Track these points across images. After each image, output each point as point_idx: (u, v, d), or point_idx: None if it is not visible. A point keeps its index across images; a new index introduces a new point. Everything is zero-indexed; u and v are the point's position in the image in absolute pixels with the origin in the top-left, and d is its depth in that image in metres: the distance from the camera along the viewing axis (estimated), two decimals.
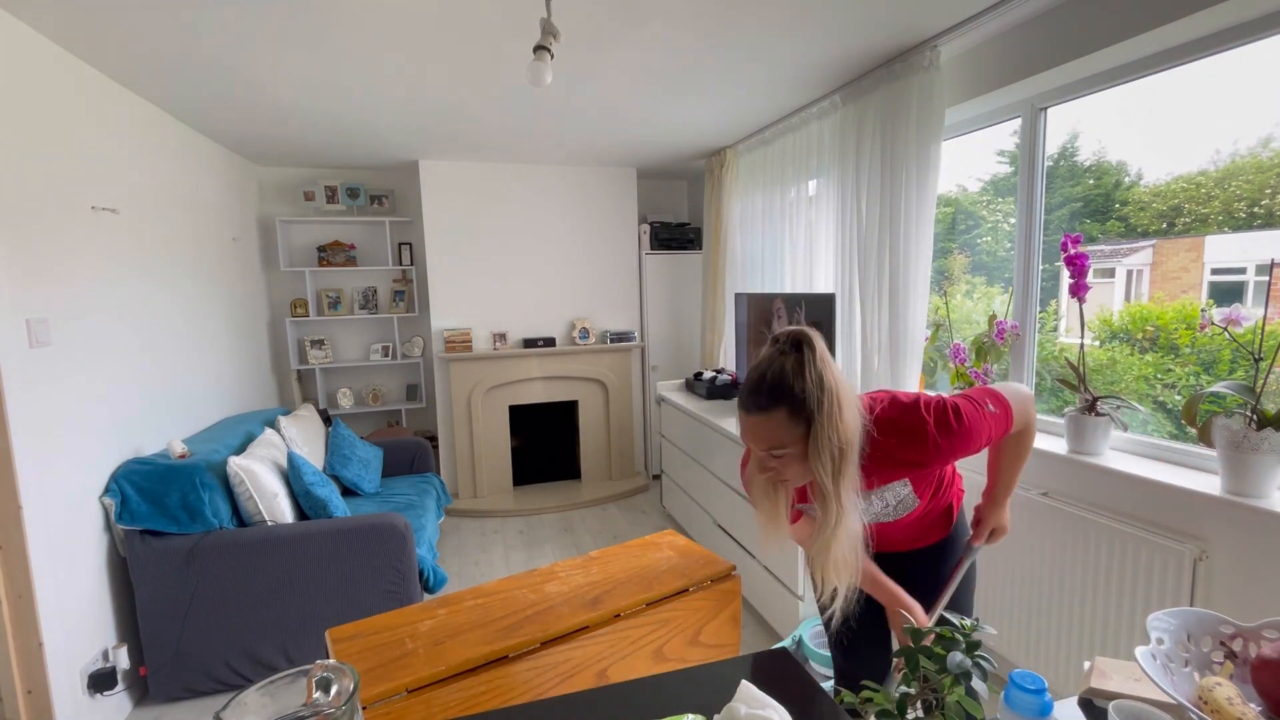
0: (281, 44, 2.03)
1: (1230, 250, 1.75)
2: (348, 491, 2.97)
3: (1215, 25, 1.57)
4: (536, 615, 1.31)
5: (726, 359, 3.87)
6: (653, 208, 4.76)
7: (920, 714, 0.82)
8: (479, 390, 3.99)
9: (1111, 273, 2.05)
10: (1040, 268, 2.12)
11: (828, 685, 1.78)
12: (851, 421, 1.06)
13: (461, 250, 3.98)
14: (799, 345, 1.07)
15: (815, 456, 1.04)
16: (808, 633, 2.20)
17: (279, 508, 2.26)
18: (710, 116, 3.02)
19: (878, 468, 1.16)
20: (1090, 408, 1.83)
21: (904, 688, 0.86)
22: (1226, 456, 1.49)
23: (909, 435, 1.13)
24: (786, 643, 2.23)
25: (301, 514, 2.39)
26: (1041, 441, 1.99)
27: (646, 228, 4.36)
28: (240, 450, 2.47)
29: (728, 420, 2.80)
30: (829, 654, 1.87)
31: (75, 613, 1.94)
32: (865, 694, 0.86)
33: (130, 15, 1.80)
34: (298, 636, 2.21)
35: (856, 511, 1.08)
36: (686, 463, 3.31)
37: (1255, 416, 1.45)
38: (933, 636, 0.87)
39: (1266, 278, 1.61)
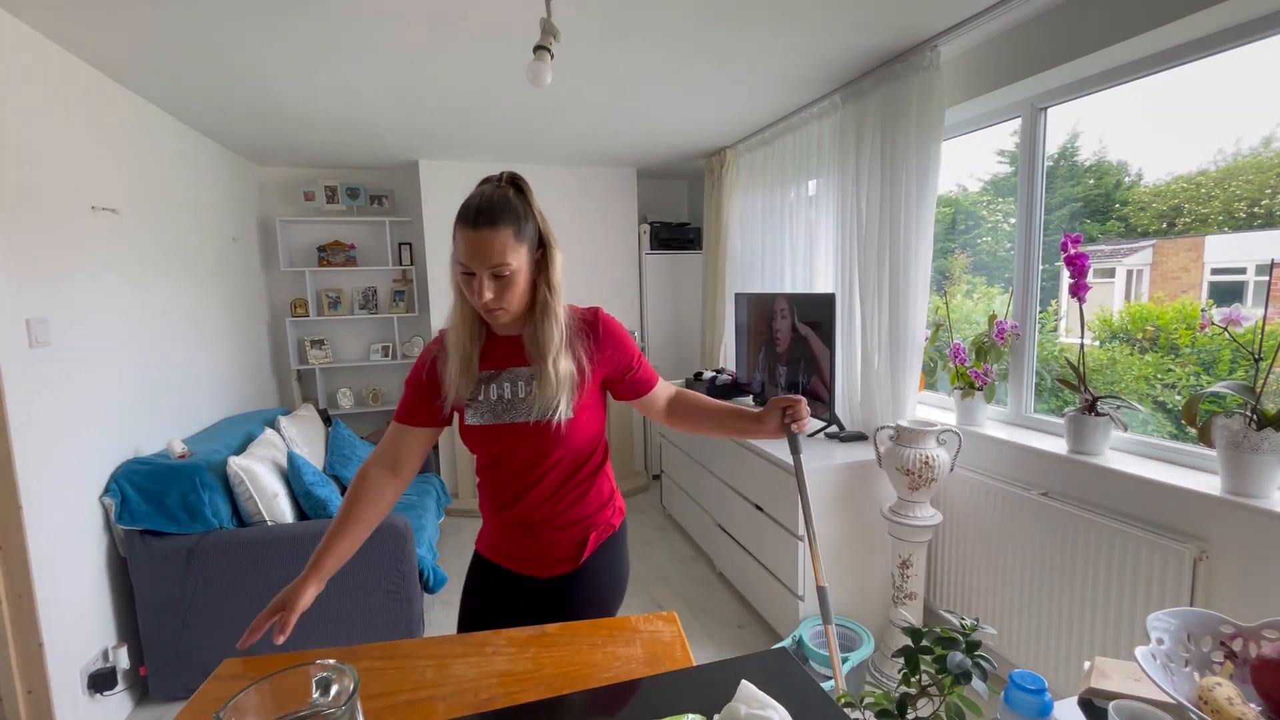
0: (282, 44, 2.03)
1: (1230, 250, 1.75)
2: None
3: (1215, 25, 1.57)
4: (414, 704, 0.92)
5: (726, 359, 3.87)
6: (653, 208, 4.76)
7: (920, 714, 0.82)
8: None
9: (1111, 273, 2.05)
10: (1040, 268, 2.12)
11: (828, 685, 1.79)
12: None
13: None
14: (518, 184, 1.15)
15: (545, 282, 1.13)
16: (808, 633, 2.20)
17: (279, 508, 2.26)
18: (710, 116, 3.02)
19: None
20: (1090, 408, 1.83)
21: (904, 688, 0.86)
22: (1226, 456, 1.49)
23: (614, 330, 1.22)
24: (786, 643, 2.23)
25: (301, 514, 2.39)
26: (1041, 441, 1.99)
27: (646, 228, 4.36)
28: (240, 450, 2.47)
29: None
30: (827, 654, 1.89)
31: (75, 613, 1.94)
32: (865, 693, 0.86)
33: (130, 15, 1.80)
34: (298, 636, 2.21)
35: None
36: (686, 463, 3.31)
37: (1255, 416, 1.45)
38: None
39: (1266, 278, 1.61)
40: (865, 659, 2.06)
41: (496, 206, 1.11)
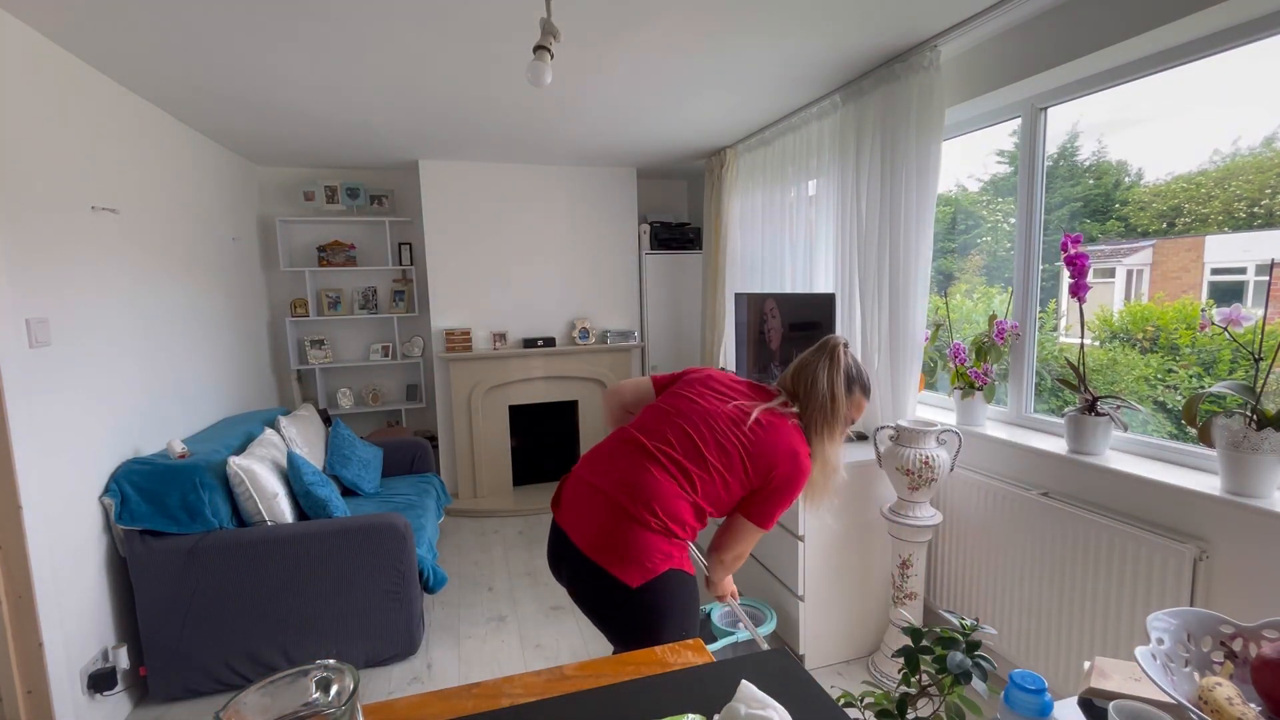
0: (282, 44, 2.03)
1: (1230, 250, 1.75)
2: (348, 491, 2.97)
3: (1215, 25, 1.57)
4: None
5: (726, 359, 3.87)
6: (653, 208, 4.76)
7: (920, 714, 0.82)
8: (479, 390, 3.99)
9: (1111, 273, 2.05)
10: (1040, 268, 2.12)
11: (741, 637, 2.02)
12: None
13: (461, 250, 3.98)
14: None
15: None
16: (716, 614, 2.28)
17: (279, 508, 2.26)
18: (710, 116, 3.02)
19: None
20: (1090, 408, 1.83)
21: (904, 688, 0.86)
22: (1226, 456, 1.49)
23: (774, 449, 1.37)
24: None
25: (301, 514, 2.39)
26: (1041, 441, 1.99)
27: (646, 228, 4.36)
28: (240, 450, 2.47)
29: None
30: (730, 631, 2.11)
31: (75, 613, 1.94)
32: (865, 693, 0.86)
33: (130, 16, 1.80)
34: (298, 636, 2.21)
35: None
36: None
37: (1255, 416, 1.45)
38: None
39: (1266, 278, 1.61)
40: (767, 634, 2.17)
41: None
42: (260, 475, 2.25)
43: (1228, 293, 1.77)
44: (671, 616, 1.29)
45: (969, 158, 2.48)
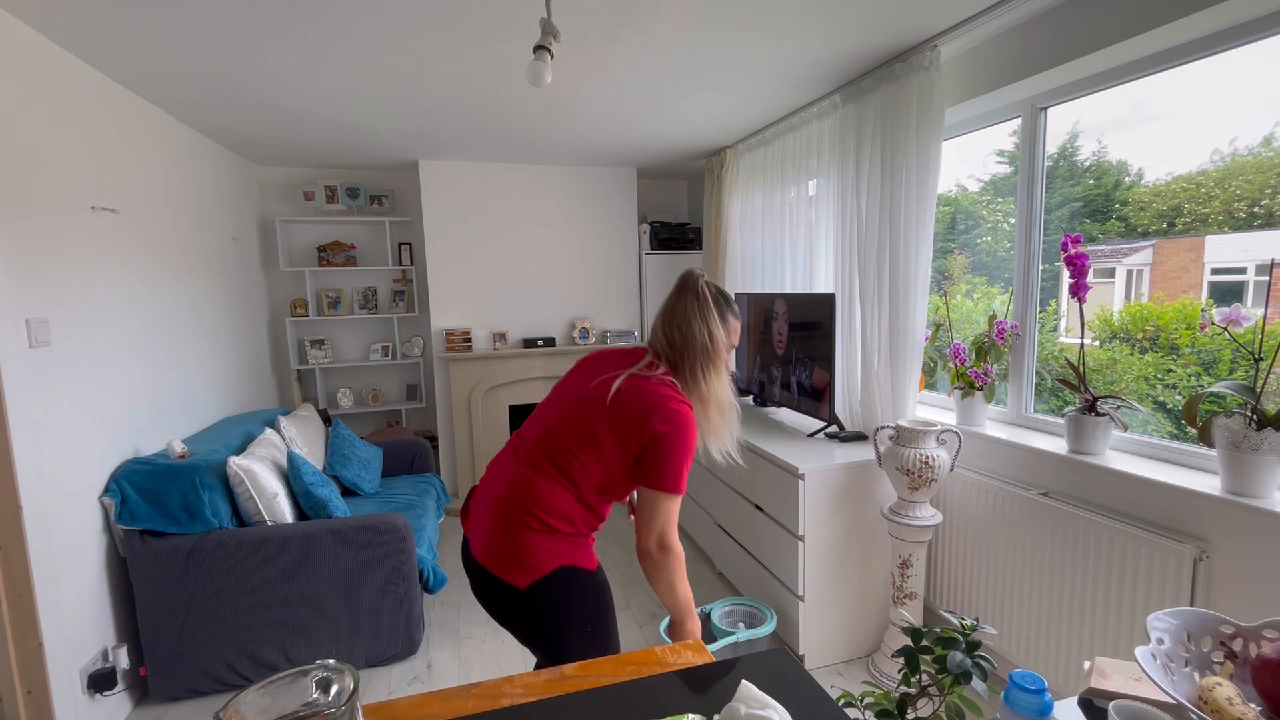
0: (282, 43, 2.03)
1: (1230, 250, 1.75)
2: (348, 491, 2.97)
3: (1215, 25, 1.57)
4: None
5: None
6: (653, 208, 4.76)
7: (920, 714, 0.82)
8: (479, 390, 3.99)
9: (1111, 273, 2.05)
10: (1040, 268, 2.12)
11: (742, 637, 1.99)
12: None
13: (461, 250, 3.98)
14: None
15: None
16: (717, 613, 2.28)
17: (279, 508, 2.26)
18: (710, 116, 3.02)
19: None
20: (1090, 408, 1.83)
21: (904, 688, 0.86)
22: (1226, 456, 1.49)
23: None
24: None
25: (301, 514, 2.39)
26: (1041, 441, 1.99)
27: (646, 228, 4.36)
28: (240, 450, 2.47)
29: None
30: (731, 631, 2.11)
31: (75, 613, 1.94)
32: (865, 693, 0.86)
33: (130, 15, 1.80)
34: (298, 636, 2.21)
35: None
36: None
37: (1255, 416, 1.45)
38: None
39: (1266, 278, 1.61)
40: (767, 634, 2.16)
41: None
42: (260, 475, 2.25)
43: (1228, 293, 1.77)
44: (570, 614, 1.29)
45: (969, 158, 2.49)
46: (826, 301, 2.43)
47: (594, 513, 1.34)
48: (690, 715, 0.77)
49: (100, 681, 1.99)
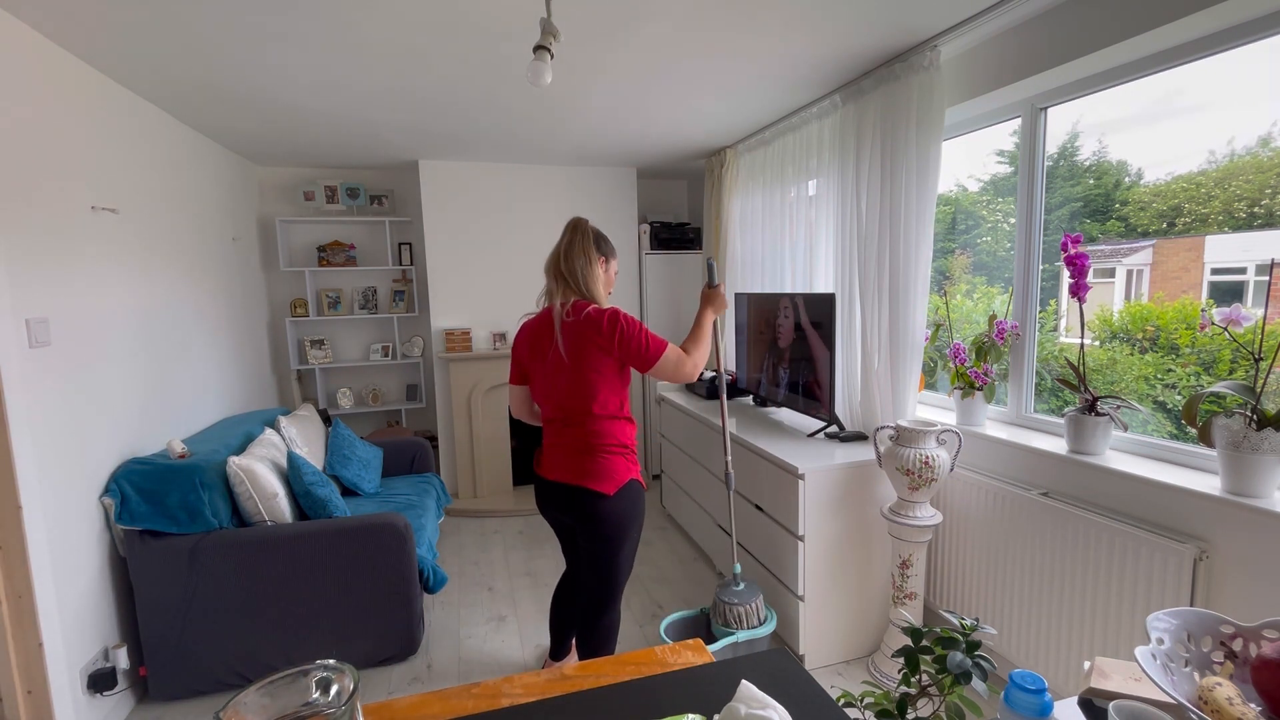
0: (282, 43, 2.03)
1: (1230, 250, 1.75)
2: (348, 491, 2.97)
3: (1215, 25, 1.57)
4: None
5: (726, 359, 3.87)
6: (653, 208, 4.76)
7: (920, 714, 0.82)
8: (479, 390, 3.99)
9: (1111, 273, 2.05)
10: (1040, 268, 2.12)
11: (741, 636, 2.10)
12: None
13: (461, 250, 3.98)
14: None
15: None
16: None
17: (279, 508, 2.26)
18: (710, 116, 3.02)
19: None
20: (1090, 408, 1.83)
21: (904, 688, 0.86)
22: (1226, 456, 1.49)
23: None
24: (694, 612, 2.34)
25: (301, 514, 2.39)
26: (1041, 441, 1.99)
27: (646, 228, 4.36)
28: (240, 450, 2.47)
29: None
30: (730, 630, 2.14)
31: (75, 613, 1.94)
32: (865, 693, 0.86)
33: (130, 15, 1.80)
34: (298, 636, 2.21)
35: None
36: (686, 463, 3.31)
37: (1255, 416, 1.45)
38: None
39: (1266, 278, 1.61)
40: (766, 634, 2.17)
41: None
42: (260, 475, 2.25)
43: (1228, 293, 1.77)
44: (635, 516, 1.81)
45: (969, 158, 2.49)
46: (826, 301, 2.43)
47: (631, 421, 1.84)
48: (690, 715, 0.77)
49: (100, 681, 1.99)
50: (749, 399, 3.30)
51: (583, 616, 1.91)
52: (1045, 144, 2.09)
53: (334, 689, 0.64)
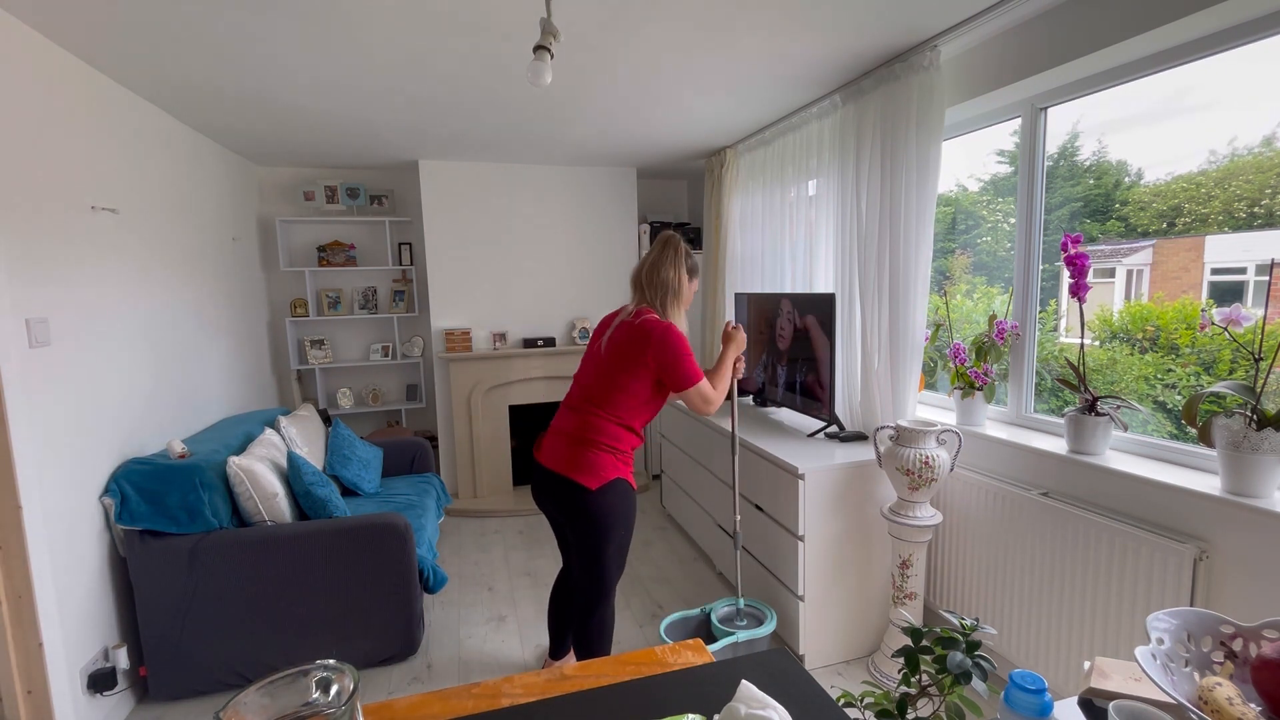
0: (282, 43, 2.03)
1: (1230, 250, 1.75)
2: (348, 491, 2.97)
3: (1215, 25, 1.57)
4: None
5: None
6: (653, 208, 4.76)
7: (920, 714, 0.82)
8: (479, 390, 3.99)
9: (1111, 273, 2.05)
10: (1040, 268, 2.12)
11: (741, 636, 2.11)
12: None
13: (461, 250, 3.98)
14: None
15: None
16: (717, 613, 2.28)
17: (279, 508, 2.26)
18: (710, 116, 3.02)
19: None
20: (1090, 408, 1.83)
21: (904, 688, 0.86)
22: (1226, 456, 1.49)
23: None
24: (696, 612, 2.33)
25: (301, 514, 2.39)
26: (1041, 441, 1.99)
27: (646, 227, 4.36)
28: (240, 450, 2.47)
29: (728, 420, 2.80)
30: (729, 630, 2.15)
31: (75, 613, 1.94)
32: (865, 693, 0.86)
33: (130, 15, 1.80)
34: (298, 636, 2.21)
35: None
36: (686, 463, 3.31)
37: (1255, 416, 1.45)
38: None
39: (1266, 278, 1.61)
40: (766, 634, 2.16)
41: None
42: (260, 475, 2.25)
43: (1228, 293, 1.77)
44: (618, 515, 1.82)
45: (969, 158, 2.49)
46: (826, 301, 2.43)
47: (634, 433, 1.87)
48: (690, 715, 0.77)
49: (100, 681, 1.99)
50: (749, 399, 3.30)
51: (575, 614, 1.93)
52: (1045, 144, 2.09)
53: (334, 689, 0.64)
